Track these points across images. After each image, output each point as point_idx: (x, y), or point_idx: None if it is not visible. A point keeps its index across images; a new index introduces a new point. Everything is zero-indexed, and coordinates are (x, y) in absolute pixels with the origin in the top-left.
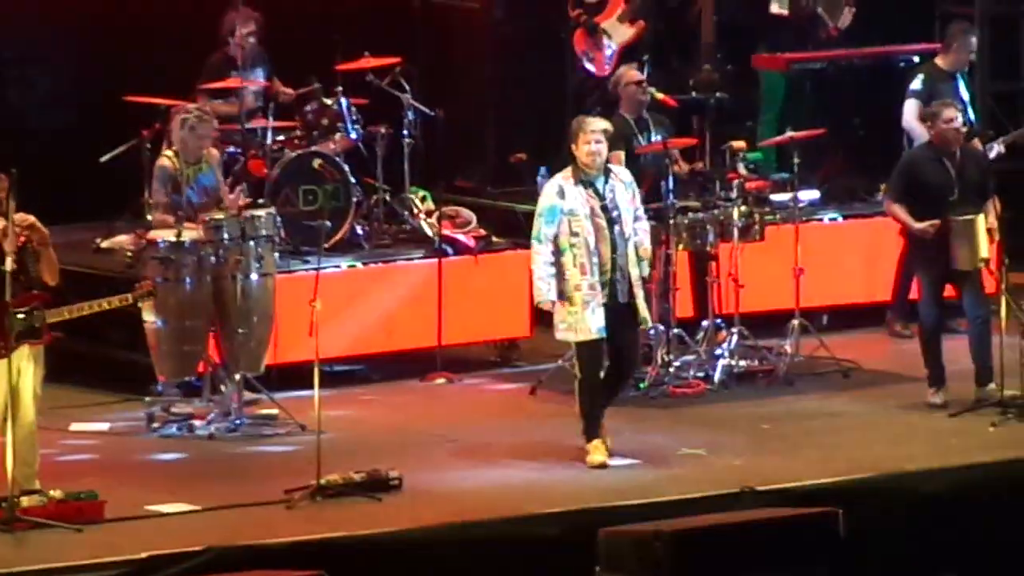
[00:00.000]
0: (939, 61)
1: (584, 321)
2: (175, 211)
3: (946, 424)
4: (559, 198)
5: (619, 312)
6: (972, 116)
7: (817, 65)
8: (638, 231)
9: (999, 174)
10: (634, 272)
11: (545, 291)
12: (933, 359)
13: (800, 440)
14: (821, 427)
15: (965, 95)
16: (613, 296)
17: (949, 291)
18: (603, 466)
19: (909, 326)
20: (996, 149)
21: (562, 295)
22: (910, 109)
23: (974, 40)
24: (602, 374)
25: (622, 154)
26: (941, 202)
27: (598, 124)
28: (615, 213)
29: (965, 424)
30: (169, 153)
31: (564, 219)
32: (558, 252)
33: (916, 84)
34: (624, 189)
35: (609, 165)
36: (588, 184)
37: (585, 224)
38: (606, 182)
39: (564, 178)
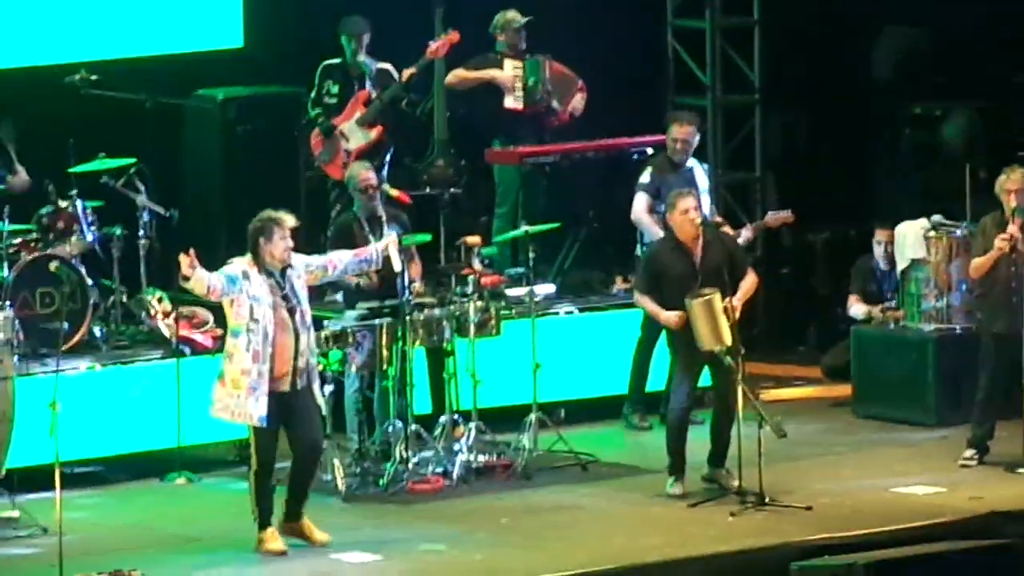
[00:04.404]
0: (668, 152)
1: (245, 407)
2: None
3: (686, 514)
4: (243, 278)
5: (297, 398)
6: (707, 205)
7: (551, 159)
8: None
9: None
10: (312, 360)
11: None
12: (676, 447)
13: (540, 533)
14: (561, 520)
15: (703, 183)
16: (293, 384)
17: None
18: (283, 553)
19: (647, 417)
20: (744, 236)
21: (223, 377)
22: (638, 203)
23: (679, 127)
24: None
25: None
26: (686, 290)
27: (292, 221)
28: (295, 302)
29: (704, 514)
30: None
31: (247, 303)
32: (231, 335)
33: (644, 177)
34: (298, 278)
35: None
36: (269, 274)
37: (268, 312)
38: (283, 274)
39: (249, 264)
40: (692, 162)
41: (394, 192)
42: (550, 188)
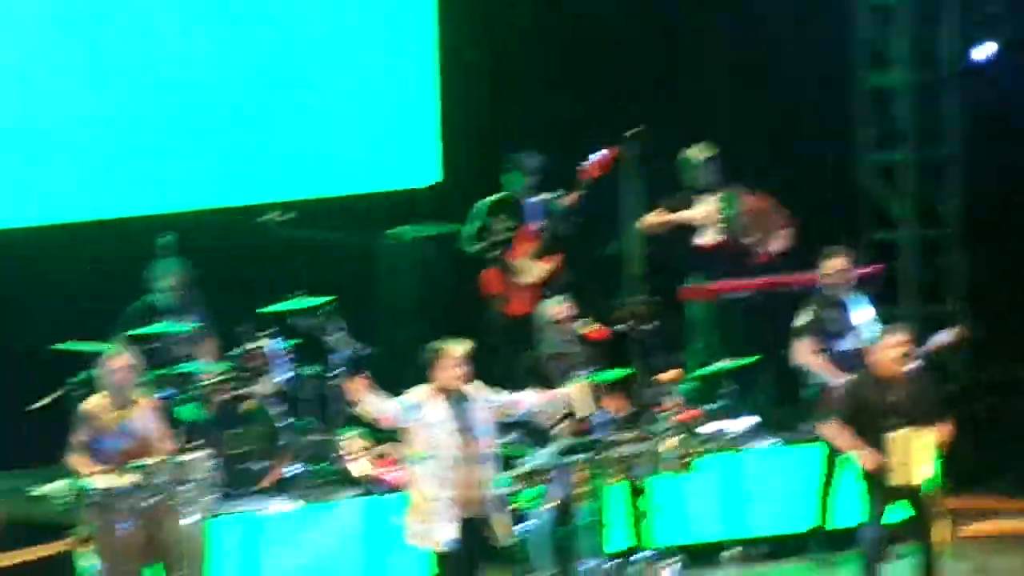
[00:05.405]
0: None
1: (433, 533)
2: (95, 455)
3: None
4: (421, 406)
5: (475, 528)
6: (873, 332)
7: (745, 293)
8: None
9: None
10: (495, 492)
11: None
12: None
13: None
14: None
15: (864, 315)
16: (474, 514)
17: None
18: None
19: (834, 553)
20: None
21: (411, 505)
22: (802, 348)
23: (831, 263)
24: None
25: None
26: (884, 426)
27: (461, 349)
28: (474, 432)
29: None
30: (95, 398)
31: (426, 432)
32: (412, 464)
33: (804, 320)
34: (480, 407)
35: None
36: (448, 403)
37: (447, 440)
38: (462, 402)
39: (428, 393)
40: (851, 295)
41: (587, 330)
42: (745, 322)
